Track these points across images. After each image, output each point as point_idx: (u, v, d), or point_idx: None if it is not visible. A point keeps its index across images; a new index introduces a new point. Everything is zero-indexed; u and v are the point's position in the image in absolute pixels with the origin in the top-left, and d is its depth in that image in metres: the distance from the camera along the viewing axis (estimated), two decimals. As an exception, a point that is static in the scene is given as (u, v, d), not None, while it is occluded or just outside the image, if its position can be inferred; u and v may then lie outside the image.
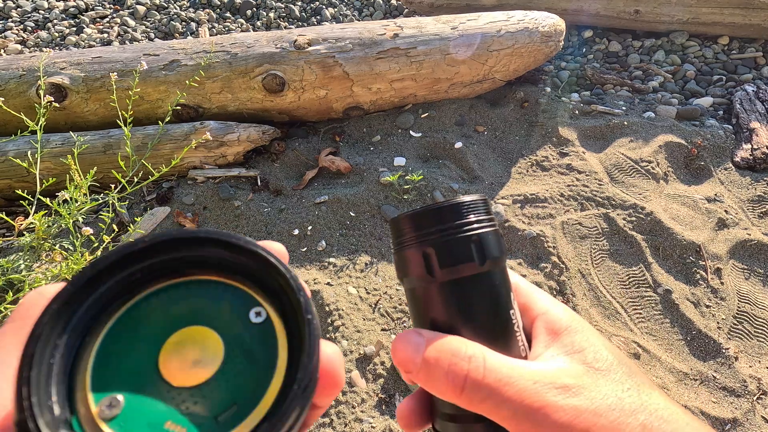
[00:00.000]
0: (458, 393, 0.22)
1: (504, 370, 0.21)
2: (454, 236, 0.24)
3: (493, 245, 0.25)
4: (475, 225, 0.25)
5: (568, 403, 0.20)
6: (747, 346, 1.09)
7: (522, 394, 0.20)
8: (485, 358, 0.22)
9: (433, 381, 0.22)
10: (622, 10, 1.98)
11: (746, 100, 1.64)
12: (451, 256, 0.24)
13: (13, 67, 1.40)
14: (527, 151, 1.48)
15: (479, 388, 0.21)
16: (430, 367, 0.22)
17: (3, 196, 1.33)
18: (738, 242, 1.26)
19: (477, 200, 0.25)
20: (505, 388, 0.21)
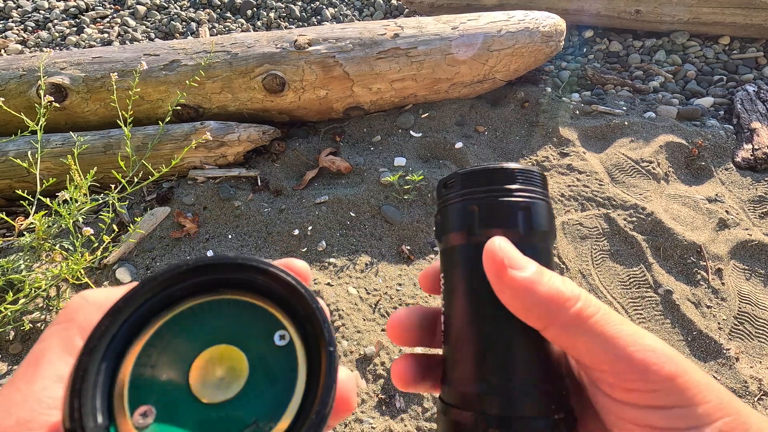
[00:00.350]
0: (569, 307, 0.21)
1: (605, 306, 0.22)
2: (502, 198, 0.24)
3: (542, 217, 0.24)
4: (523, 193, 0.24)
5: (670, 351, 0.20)
6: (748, 347, 1.09)
7: (630, 330, 0.21)
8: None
9: (542, 291, 0.21)
10: (623, 9, 1.97)
11: (747, 100, 1.64)
12: (495, 218, 0.23)
13: (13, 67, 1.40)
14: (528, 152, 1.48)
15: (590, 306, 0.21)
16: (541, 278, 0.22)
17: (3, 196, 1.33)
18: (739, 243, 1.26)
19: (530, 170, 0.25)
20: (618, 322, 0.21)
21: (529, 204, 0.24)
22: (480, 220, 0.23)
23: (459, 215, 0.24)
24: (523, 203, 0.24)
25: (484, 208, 0.24)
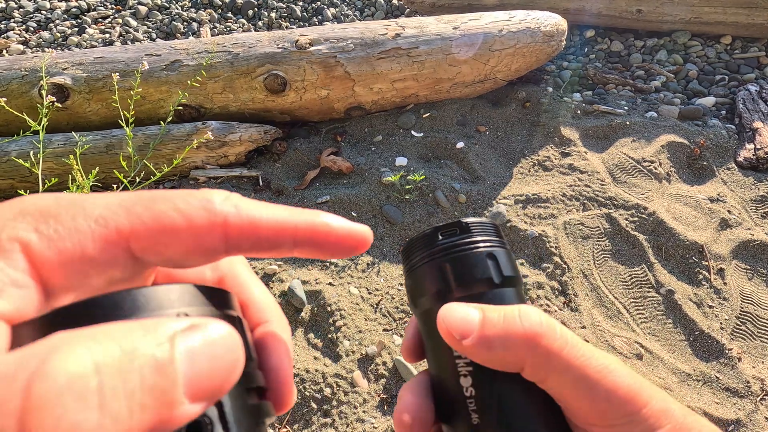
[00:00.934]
0: (533, 347, 0.20)
1: (569, 333, 0.21)
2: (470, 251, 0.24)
3: (510, 263, 0.25)
4: (487, 243, 0.24)
5: (632, 374, 0.20)
6: (750, 347, 1.08)
7: (592, 355, 0.20)
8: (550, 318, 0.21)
9: (499, 341, 0.20)
10: (625, 9, 1.97)
11: (749, 99, 1.64)
12: (469, 272, 0.24)
13: (15, 68, 1.40)
14: (529, 151, 1.48)
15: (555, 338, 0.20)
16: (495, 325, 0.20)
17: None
18: (741, 242, 1.26)
19: (486, 222, 0.25)
20: (577, 346, 0.20)
21: (495, 253, 0.24)
22: (453, 277, 0.24)
23: (431, 277, 0.24)
24: (489, 253, 0.24)
25: (454, 265, 0.24)
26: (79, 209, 0.15)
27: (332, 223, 0.18)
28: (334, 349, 1.01)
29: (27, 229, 0.14)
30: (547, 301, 1.11)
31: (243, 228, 0.16)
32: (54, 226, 0.15)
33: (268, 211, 0.17)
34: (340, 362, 0.98)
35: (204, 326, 0.14)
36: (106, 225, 0.15)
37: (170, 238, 0.15)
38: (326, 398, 0.93)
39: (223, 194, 0.17)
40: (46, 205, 0.15)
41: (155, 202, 0.16)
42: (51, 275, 0.14)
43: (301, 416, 0.92)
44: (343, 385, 0.95)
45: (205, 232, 0.16)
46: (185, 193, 0.16)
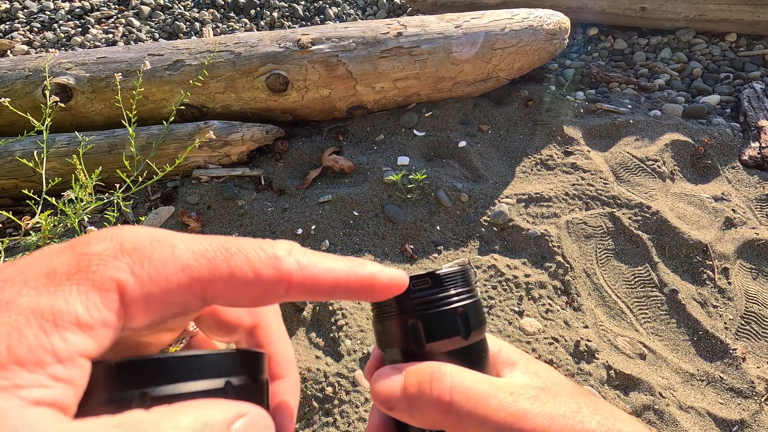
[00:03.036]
0: (445, 411, 0.21)
1: (485, 384, 0.22)
2: (441, 309, 0.24)
3: (479, 315, 0.25)
4: (457, 297, 0.25)
5: (543, 409, 0.21)
6: (755, 347, 1.08)
7: (503, 404, 0.21)
8: (465, 373, 0.23)
9: (417, 407, 0.22)
10: (628, 7, 1.96)
11: (754, 97, 1.62)
12: (439, 330, 0.24)
13: (19, 68, 1.41)
14: (532, 150, 1.48)
15: (465, 401, 0.21)
16: (411, 394, 0.22)
17: (10, 196, 1.35)
18: (745, 242, 1.25)
19: (458, 271, 0.26)
20: (487, 399, 0.21)
21: (466, 307, 0.24)
22: (423, 335, 0.24)
23: (401, 331, 0.24)
24: (461, 309, 0.24)
25: (424, 322, 0.24)
26: (169, 254, 0.17)
27: (377, 274, 0.21)
28: (335, 348, 1.01)
29: (125, 271, 0.16)
30: (550, 301, 1.10)
31: (304, 283, 0.19)
32: (147, 269, 0.16)
33: (324, 264, 0.20)
34: (341, 361, 0.98)
35: (246, 415, 0.16)
36: (191, 275, 0.17)
37: (241, 290, 0.18)
38: (328, 397, 0.93)
39: (287, 248, 0.19)
40: (142, 244, 0.17)
41: (232, 257, 0.18)
42: (133, 315, 0.16)
43: (303, 415, 0.92)
44: (345, 384, 0.95)
45: (272, 287, 0.18)
46: (257, 246, 0.18)
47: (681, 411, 0.96)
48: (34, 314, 0.14)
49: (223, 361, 0.18)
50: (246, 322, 0.24)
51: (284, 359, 0.24)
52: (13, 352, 0.13)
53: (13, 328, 0.14)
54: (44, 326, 0.14)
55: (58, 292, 0.15)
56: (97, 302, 0.15)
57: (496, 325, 1.05)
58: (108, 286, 0.15)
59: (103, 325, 0.15)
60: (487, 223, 1.26)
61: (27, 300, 0.14)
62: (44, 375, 0.14)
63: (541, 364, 0.26)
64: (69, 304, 0.15)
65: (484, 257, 1.18)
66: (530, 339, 1.03)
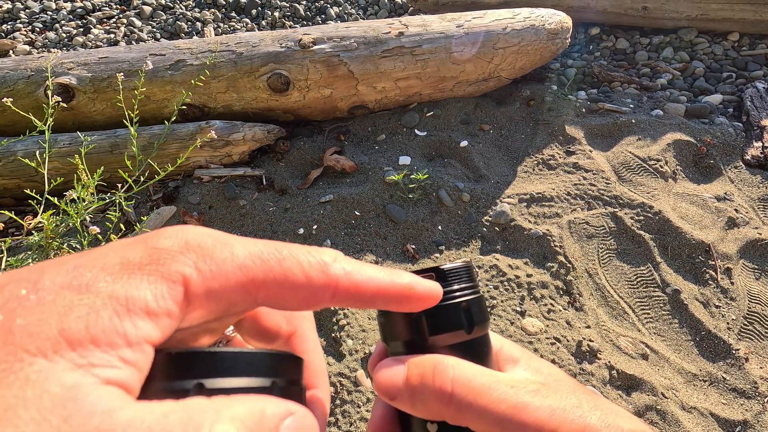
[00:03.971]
0: (446, 402, 0.22)
1: (486, 377, 0.22)
2: (445, 303, 0.24)
3: (482, 311, 0.26)
4: (461, 292, 0.25)
5: (543, 403, 0.21)
6: (758, 347, 1.07)
7: (504, 396, 0.22)
8: (467, 365, 0.23)
9: (419, 398, 0.22)
10: (630, 6, 1.95)
11: (757, 97, 1.62)
12: (443, 323, 0.24)
13: (21, 68, 1.41)
14: (533, 150, 1.47)
15: (467, 392, 0.22)
16: (414, 385, 0.22)
17: (12, 196, 1.35)
18: (748, 242, 1.24)
19: (462, 267, 0.26)
20: (488, 391, 0.22)
21: (470, 303, 0.25)
22: (427, 328, 0.24)
23: (405, 324, 0.25)
24: (465, 304, 0.25)
25: (428, 315, 0.24)
26: (229, 254, 0.18)
27: (415, 285, 0.22)
28: (337, 348, 1.01)
29: (190, 266, 0.17)
30: (552, 301, 1.10)
31: (349, 289, 0.20)
32: (210, 266, 0.17)
33: (368, 273, 0.21)
34: (343, 361, 0.98)
35: (295, 413, 0.17)
36: (247, 274, 0.18)
37: (292, 292, 0.19)
38: (329, 397, 0.93)
39: (333, 254, 0.20)
40: (205, 242, 0.18)
41: (285, 259, 0.19)
42: (194, 308, 0.17)
43: (305, 415, 0.92)
44: (347, 384, 0.95)
45: (320, 291, 0.19)
46: (306, 252, 0.20)
47: (683, 411, 0.95)
48: (110, 298, 0.15)
49: (271, 361, 0.19)
50: (284, 329, 0.25)
51: (318, 369, 0.25)
52: (90, 331, 0.14)
53: (91, 309, 0.15)
54: (118, 310, 0.15)
55: (132, 280, 0.16)
56: (164, 292, 0.16)
57: (498, 325, 1.05)
58: (175, 278, 0.16)
59: (168, 315, 0.16)
60: (489, 223, 1.26)
61: (104, 285, 0.15)
62: (115, 356, 0.14)
63: (543, 362, 0.26)
64: (140, 292, 0.16)
65: (485, 257, 1.18)
66: (532, 339, 1.03)
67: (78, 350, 0.14)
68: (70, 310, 0.14)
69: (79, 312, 0.15)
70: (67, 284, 0.15)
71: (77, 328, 0.14)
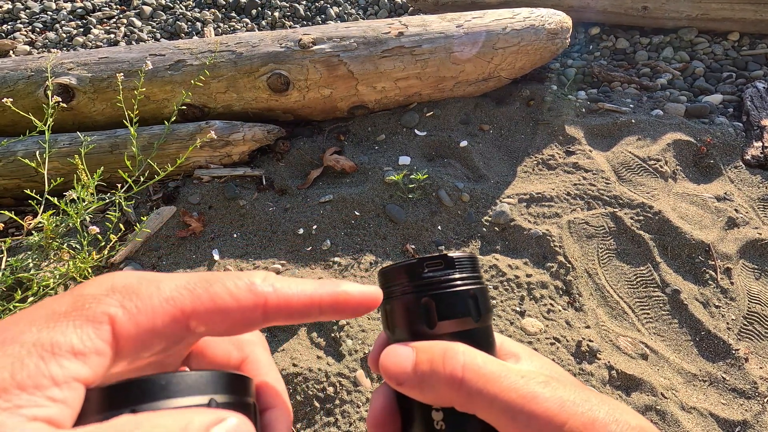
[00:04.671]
0: (456, 388, 0.22)
1: (496, 365, 0.22)
2: (454, 289, 0.24)
3: (487, 300, 0.26)
4: (468, 281, 0.25)
5: (554, 394, 0.21)
6: (758, 347, 1.07)
7: (515, 385, 0.21)
8: (477, 353, 0.23)
9: (429, 383, 0.22)
10: (630, 6, 1.95)
11: (757, 97, 1.62)
12: (451, 309, 0.24)
13: (21, 68, 1.41)
14: (533, 150, 1.47)
15: (477, 379, 0.21)
16: (423, 370, 0.22)
17: (12, 196, 1.35)
18: (748, 242, 1.24)
19: (468, 257, 0.26)
20: (499, 379, 0.21)
21: (476, 292, 0.25)
22: (436, 314, 0.24)
23: (413, 309, 0.25)
24: (472, 291, 0.25)
25: (437, 301, 0.24)
26: (154, 289, 0.19)
27: (350, 291, 0.22)
28: (337, 348, 1.01)
29: (115, 305, 0.18)
30: (551, 301, 1.10)
31: (279, 305, 0.20)
32: (135, 302, 0.18)
33: (298, 287, 0.21)
34: (342, 361, 0.98)
35: (226, 420, 0.17)
36: (174, 305, 0.19)
37: (222, 316, 0.19)
38: (329, 397, 0.93)
39: (262, 275, 0.21)
40: (131, 283, 0.19)
41: (211, 285, 0.19)
42: (125, 344, 0.18)
43: (304, 415, 0.92)
44: (346, 384, 0.95)
45: (249, 311, 0.20)
46: (234, 276, 0.20)
47: (683, 411, 0.95)
48: (35, 346, 0.16)
49: (208, 379, 0.19)
50: (234, 357, 0.25)
51: (274, 390, 0.24)
52: (15, 378, 0.15)
53: (16, 358, 0.16)
54: (43, 355, 0.16)
55: (57, 327, 0.17)
56: (90, 333, 0.17)
57: (497, 325, 1.05)
58: (100, 319, 0.17)
59: (96, 353, 0.17)
60: (489, 223, 1.26)
61: (29, 335, 0.16)
62: (42, 397, 0.15)
63: (544, 358, 0.26)
64: (66, 336, 0.16)
65: (485, 257, 1.18)
66: (532, 339, 1.03)
67: (3, 396, 0.15)
68: None
69: (3, 362, 0.15)
70: None
71: (1, 378, 0.15)
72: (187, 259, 1.18)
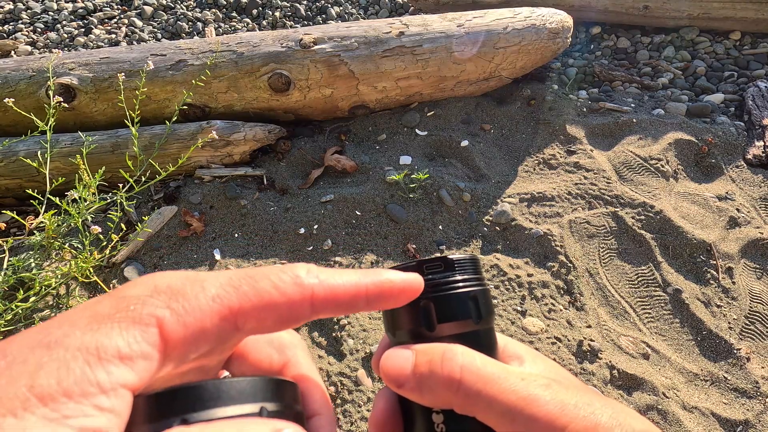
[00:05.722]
0: (455, 390, 0.21)
1: (496, 367, 0.22)
2: (453, 291, 0.24)
3: (488, 302, 0.25)
4: (469, 282, 0.25)
5: (555, 397, 0.21)
6: (759, 347, 1.07)
7: (514, 387, 0.21)
8: (476, 354, 0.23)
9: (427, 385, 0.22)
10: (631, 5, 1.95)
11: (759, 96, 1.61)
12: (451, 311, 0.24)
13: (23, 68, 1.42)
14: (534, 149, 1.47)
15: (475, 381, 0.21)
16: (422, 372, 0.22)
17: (14, 196, 1.35)
18: (750, 241, 1.24)
19: (469, 259, 0.26)
20: (498, 381, 0.21)
21: (476, 294, 0.25)
22: (435, 316, 0.24)
23: (413, 312, 0.24)
24: (472, 293, 0.25)
25: (437, 303, 0.24)
26: (199, 288, 0.18)
27: (394, 279, 0.22)
28: (338, 348, 1.01)
29: (162, 306, 0.17)
30: (552, 300, 1.10)
31: (327, 297, 0.20)
32: (182, 303, 0.18)
33: (343, 278, 0.21)
34: (344, 361, 0.98)
35: (282, 430, 0.16)
36: (222, 303, 0.18)
37: (270, 312, 0.19)
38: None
39: (306, 268, 0.20)
40: (175, 283, 0.18)
41: (257, 281, 0.19)
42: (173, 348, 0.17)
43: (306, 414, 0.92)
44: (348, 383, 0.95)
45: (297, 304, 0.19)
46: (278, 270, 0.20)
47: (685, 411, 0.95)
48: (80, 350, 0.15)
49: (258, 386, 0.18)
50: (276, 361, 0.24)
51: (318, 396, 0.24)
52: (61, 385, 0.14)
53: (61, 363, 0.15)
54: (89, 360, 0.15)
55: (101, 330, 0.16)
56: (137, 336, 0.16)
57: (498, 325, 1.05)
58: (147, 321, 0.17)
59: (143, 357, 0.16)
60: (490, 222, 1.26)
61: (73, 339, 0.16)
62: (89, 405, 0.15)
63: (548, 360, 0.26)
64: (111, 339, 0.16)
65: (486, 257, 1.18)
66: (533, 339, 1.03)
67: (50, 405, 0.14)
68: (40, 368, 0.15)
69: (49, 368, 0.15)
70: (37, 343, 0.15)
71: (47, 384, 0.14)
72: (189, 259, 1.18)
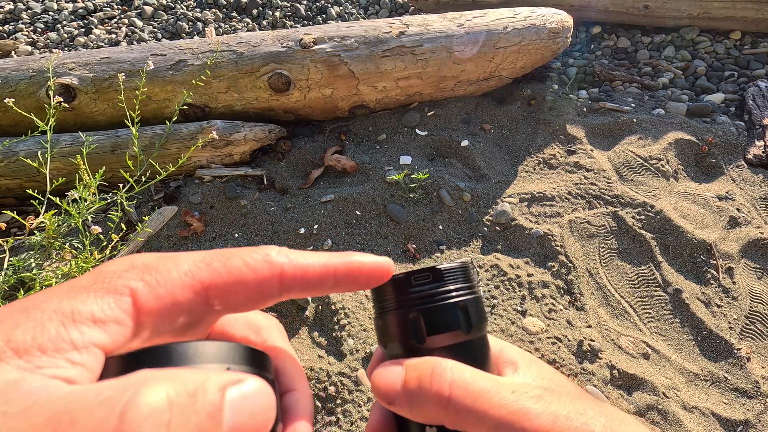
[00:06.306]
0: (444, 406, 0.21)
1: (485, 381, 0.22)
2: (442, 302, 0.24)
3: (480, 311, 0.25)
4: (458, 292, 0.25)
5: (546, 409, 0.21)
6: (759, 347, 1.07)
7: (504, 402, 0.21)
8: (465, 368, 0.22)
9: (417, 402, 0.22)
10: (631, 5, 1.95)
11: (759, 96, 1.61)
12: (440, 323, 0.24)
13: (23, 69, 1.42)
14: (534, 149, 1.47)
15: (465, 396, 0.21)
16: (411, 389, 0.22)
17: (14, 196, 1.35)
18: (750, 241, 1.24)
19: (458, 267, 0.26)
20: (488, 396, 0.21)
21: (466, 303, 0.25)
22: (424, 329, 0.24)
23: (402, 325, 0.24)
24: (462, 303, 0.24)
25: (425, 316, 0.24)
26: (173, 264, 0.19)
27: (363, 260, 0.22)
28: (338, 348, 1.01)
29: (136, 279, 0.18)
30: (553, 300, 1.10)
31: (295, 275, 0.21)
32: (155, 276, 0.19)
33: (312, 258, 0.21)
34: (344, 361, 0.98)
35: (245, 381, 0.17)
36: (193, 278, 0.19)
37: (239, 288, 0.19)
38: (330, 396, 0.93)
39: (277, 248, 0.21)
40: (150, 260, 0.19)
41: (228, 258, 0.20)
42: (146, 316, 0.18)
43: (306, 414, 0.92)
44: (348, 383, 0.95)
45: (266, 282, 0.20)
46: (249, 249, 0.21)
47: (685, 411, 0.95)
48: (56, 313, 0.16)
49: (226, 350, 0.19)
50: (253, 341, 0.24)
51: (293, 372, 0.24)
52: (36, 341, 0.16)
53: (37, 323, 0.16)
54: (64, 321, 0.16)
55: (78, 297, 0.17)
56: (111, 303, 0.17)
57: (498, 325, 1.05)
58: (121, 291, 0.18)
59: (116, 322, 0.17)
60: (490, 222, 1.26)
61: (50, 304, 0.17)
62: (62, 359, 0.16)
63: (544, 365, 0.26)
64: (86, 305, 0.17)
65: (486, 257, 1.18)
66: (533, 339, 1.03)
67: (24, 357, 0.15)
68: (17, 326, 0.16)
69: (25, 326, 0.16)
70: (17, 308, 0.17)
71: (23, 339, 0.15)
72: (189, 259, 1.18)
